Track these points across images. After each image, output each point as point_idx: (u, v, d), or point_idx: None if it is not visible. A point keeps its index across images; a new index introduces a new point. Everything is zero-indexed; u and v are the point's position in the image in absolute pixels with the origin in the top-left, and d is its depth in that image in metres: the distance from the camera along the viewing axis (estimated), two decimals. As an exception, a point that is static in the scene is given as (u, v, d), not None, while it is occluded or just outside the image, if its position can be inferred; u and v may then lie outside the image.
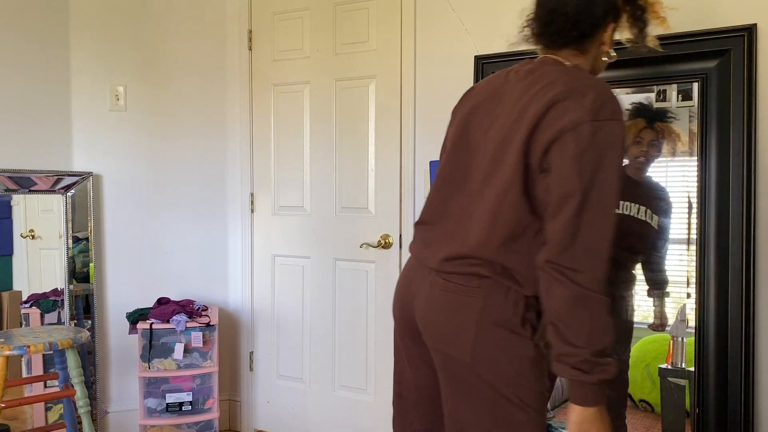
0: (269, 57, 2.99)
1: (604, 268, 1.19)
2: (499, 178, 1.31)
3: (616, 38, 2.21)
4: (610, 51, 1.43)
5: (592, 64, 1.45)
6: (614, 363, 1.20)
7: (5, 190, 2.73)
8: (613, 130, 1.22)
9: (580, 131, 1.21)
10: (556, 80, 1.30)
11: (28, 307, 2.79)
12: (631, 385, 2.23)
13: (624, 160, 1.25)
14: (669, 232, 2.11)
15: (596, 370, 1.20)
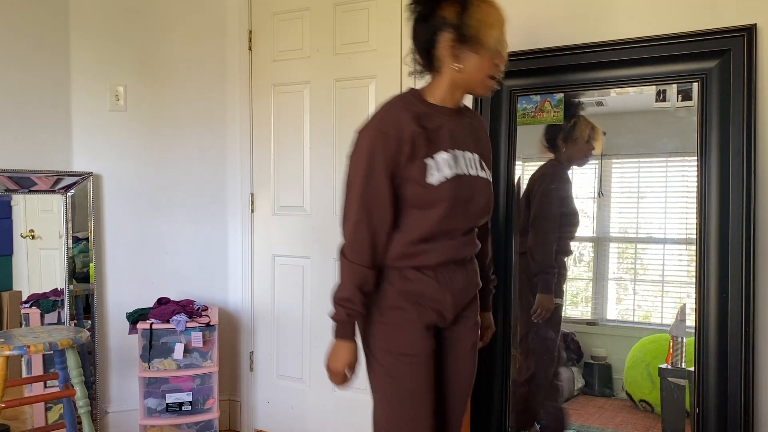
0: (269, 57, 2.99)
1: (349, 240, 1.57)
2: None
3: (616, 38, 2.21)
4: (457, 65, 1.56)
5: (459, 79, 1.59)
6: (343, 312, 1.56)
7: (5, 190, 2.73)
8: (360, 138, 1.56)
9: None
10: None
11: (28, 307, 2.79)
12: (631, 384, 2.23)
13: (380, 166, 1.53)
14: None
15: (335, 312, 1.58)
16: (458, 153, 1.60)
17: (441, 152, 1.56)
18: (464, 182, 1.59)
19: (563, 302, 2.34)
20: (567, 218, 2.34)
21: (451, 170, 1.56)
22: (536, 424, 2.34)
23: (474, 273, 1.74)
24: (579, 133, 2.30)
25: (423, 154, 1.54)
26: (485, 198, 1.66)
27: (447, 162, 1.56)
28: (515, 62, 2.36)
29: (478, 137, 1.71)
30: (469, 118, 1.71)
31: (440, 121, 1.59)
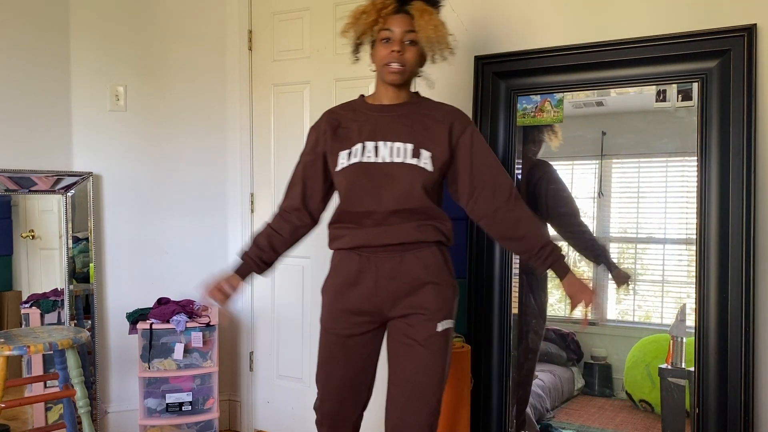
0: (269, 57, 2.99)
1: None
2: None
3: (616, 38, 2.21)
4: (372, 65, 1.80)
5: (377, 75, 1.80)
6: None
7: (5, 190, 2.73)
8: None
9: None
10: None
11: (28, 307, 2.79)
12: (631, 384, 2.23)
13: (304, 151, 1.87)
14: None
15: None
16: (369, 144, 1.73)
17: (350, 145, 1.76)
18: (368, 169, 1.71)
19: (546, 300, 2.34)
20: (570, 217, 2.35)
21: (352, 159, 1.73)
22: (536, 424, 2.34)
23: (418, 262, 1.72)
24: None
25: (336, 147, 1.78)
26: (406, 183, 1.70)
27: (351, 152, 1.74)
28: (515, 62, 2.36)
29: (422, 127, 1.76)
30: (412, 110, 1.79)
31: (363, 117, 1.79)
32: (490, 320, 2.37)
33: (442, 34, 1.73)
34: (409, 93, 1.84)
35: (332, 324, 1.79)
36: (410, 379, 1.71)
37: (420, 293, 1.73)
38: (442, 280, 1.76)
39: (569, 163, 2.34)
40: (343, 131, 1.79)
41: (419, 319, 1.72)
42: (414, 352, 1.71)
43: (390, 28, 1.71)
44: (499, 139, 2.39)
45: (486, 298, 2.38)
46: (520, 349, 2.37)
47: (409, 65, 1.74)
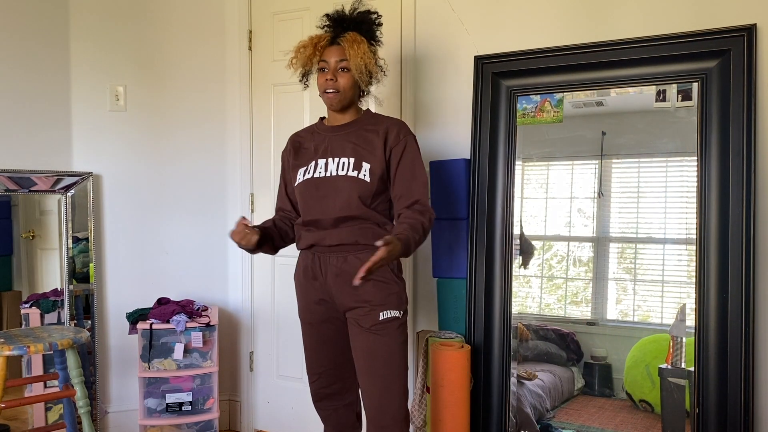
0: (269, 57, 2.99)
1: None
2: None
3: (616, 38, 2.22)
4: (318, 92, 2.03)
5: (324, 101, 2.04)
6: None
7: (5, 190, 2.73)
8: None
9: None
10: None
11: (28, 308, 2.79)
12: (631, 384, 2.23)
13: (282, 173, 2.17)
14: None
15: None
16: (320, 161, 1.98)
17: (306, 163, 2.02)
18: (317, 183, 1.96)
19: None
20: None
21: (306, 176, 1.99)
22: (536, 424, 2.34)
23: (359, 262, 1.90)
24: None
25: (296, 165, 2.05)
26: (345, 193, 1.92)
27: (306, 169, 2.00)
28: (515, 62, 2.36)
29: (364, 141, 1.96)
30: (359, 128, 2.00)
31: (319, 138, 2.04)
32: (490, 320, 2.38)
33: (369, 61, 1.96)
34: (358, 111, 2.06)
35: (303, 315, 2.07)
36: (365, 365, 1.92)
37: (362, 289, 1.91)
38: (384, 278, 1.92)
39: (569, 163, 2.34)
40: (303, 151, 2.07)
41: (363, 311, 1.92)
42: (362, 338, 1.92)
43: (325, 59, 1.97)
44: (499, 139, 2.39)
45: (486, 298, 2.38)
46: (519, 349, 2.36)
47: (343, 89, 1.96)
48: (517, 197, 2.38)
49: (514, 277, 2.37)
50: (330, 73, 1.95)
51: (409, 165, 1.95)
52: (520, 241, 2.38)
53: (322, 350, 2.08)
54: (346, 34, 1.97)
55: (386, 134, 1.96)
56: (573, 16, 2.31)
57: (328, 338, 2.06)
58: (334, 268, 1.96)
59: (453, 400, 2.19)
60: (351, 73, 1.95)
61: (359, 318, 1.93)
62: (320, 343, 2.07)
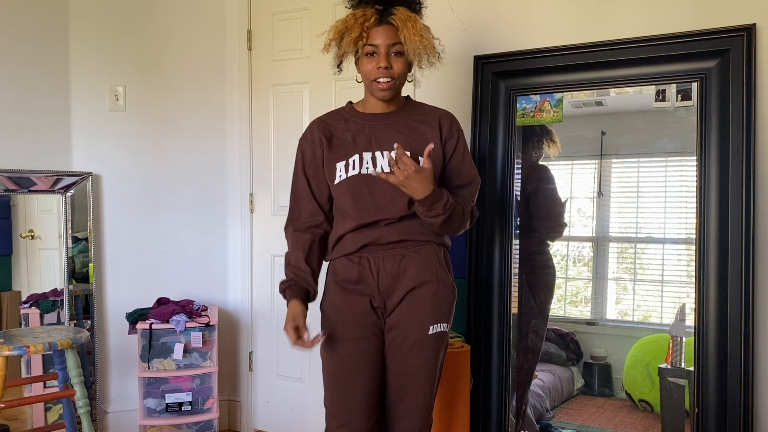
0: (269, 57, 2.99)
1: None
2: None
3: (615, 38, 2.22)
4: (358, 77, 1.77)
5: (365, 87, 1.76)
6: (285, 273, 1.80)
7: (5, 190, 2.73)
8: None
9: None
10: None
11: (27, 308, 2.79)
12: (631, 384, 2.23)
13: (301, 166, 1.80)
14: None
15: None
16: (366, 155, 1.71)
17: (346, 157, 1.73)
18: (369, 181, 1.69)
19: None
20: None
21: (351, 171, 1.71)
22: (536, 423, 2.34)
23: (415, 261, 1.71)
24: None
25: (332, 158, 1.74)
26: (402, 193, 1.65)
27: (348, 164, 1.72)
28: (515, 62, 2.36)
29: (416, 133, 1.74)
30: (406, 117, 1.76)
31: (356, 127, 1.76)
32: (489, 320, 2.38)
33: (428, 41, 1.68)
34: (400, 99, 1.81)
35: (344, 330, 1.74)
36: (396, 382, 1.73)
37: (417, 293, 1.71)
38: (444, 281, 1.75)
39: (569, 163, 2.34)
40: (338, 142, 1.76)
41: (413, 321, 1.70)
42: (405, 356, 1.71)
43: (374, 43, 1.66)
44: (498, 139, 2.39)
45: (486, 298, 2.38)
46: (519, 349, 2.37)
47: (398, 78, 1.70)
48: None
49: (514, 277, 2.37)
50: (383, 59, 1.66)
51: (460, 164, 1.76)
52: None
53: (360, 375, 1.72)
54: (396, 11, 1.66)
55: (440, 126, 1.75)
56: (572, 16, 2.31)
57: (371, 358, 1.73)
58: (390, 270, 1.71)
59: (453, 400, 2.19)
60: (405, 58, 1.68)
61: (403, 325, 1.71)
62: (360, 365, 1.71)
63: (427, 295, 1.71)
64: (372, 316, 1.73)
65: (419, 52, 1.66)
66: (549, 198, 2.37)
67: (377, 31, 1.66)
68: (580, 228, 2.32)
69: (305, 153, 1.80)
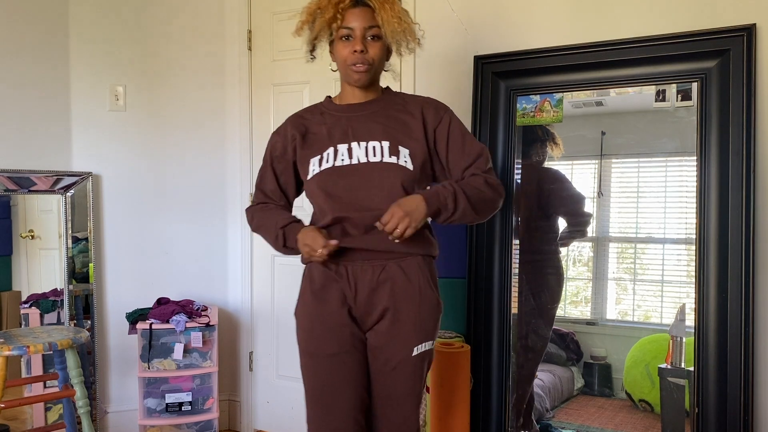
0: (269, 57, 2.99)
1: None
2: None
3: (615, 38, 2.21)
4: (333, 65, 1.68)
5: (341, 75, 1.67)
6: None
7: (5, 190, 2.73)
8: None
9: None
10: None
11: (27, 308, 2.79)
12: (631, 384, 2.23)
13: (269, 161, 1.73)
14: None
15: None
16: (341, 147, 1.61)
17: (320, 151, 1.63)
18: (343, 173, 1.59)
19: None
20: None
21: (324, 165, 1.61)
22: (536, 423, 2.34)
23: (396, 275, 1.59)
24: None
25: (306, 155, 1.65)
26: (386, 184, 1.56)
27: (322, 158, 1.62)
28: (515, 62, 2.36)
29: (396, 122, 1.64)
30: (385, 106, 1.66)
31: (332, 119, 1.67)
32: (489, 320, 2.38)
33: (407, 25, 1.58)
34: (379, 88, 1.71)
35: (319, 344, 1.62)
36: (383, 407, 1.65)
37: (399, 311, 1.59)
38: (429, 296, 1.62)
39: (569, 163, 2.34)
40: (312, 137, 1.66)
41: (395, 339, 1.60)
42: (389, 377, 1.62)
43: (349, 26, 1.56)
44: (498, 139, 2.39)
45: (486, 298, 2.38)
46: (519, 349, 2.37)
47: (375, 63, 1.59)
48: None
49: (514, 277, 2.37)
50: (358, 43, 1.56)
51: (460, 144, 1.63)
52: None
53: (345, 392, 1.60)
54: None
55: (423, 114, 1.64)
56: (572, 16, 2.31)
57: (351, 374, 1.61)
58: (369, 282, 1.59)
59: (453, 400, 2.19)
60: (383, 42, 1.58)
61: (384, 348, 1.60)
62: (339, 382, 1.60)
63: (410, 314, 1.59)
64: (350, 327, 1.61)
65: (397, 35, 1.57)
66: (569, 196, 2.35)
67: (353, 13, 1.56)
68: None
69: (275, 147, 1.72)
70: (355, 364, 1.62)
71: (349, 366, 1.61)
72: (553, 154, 2.34)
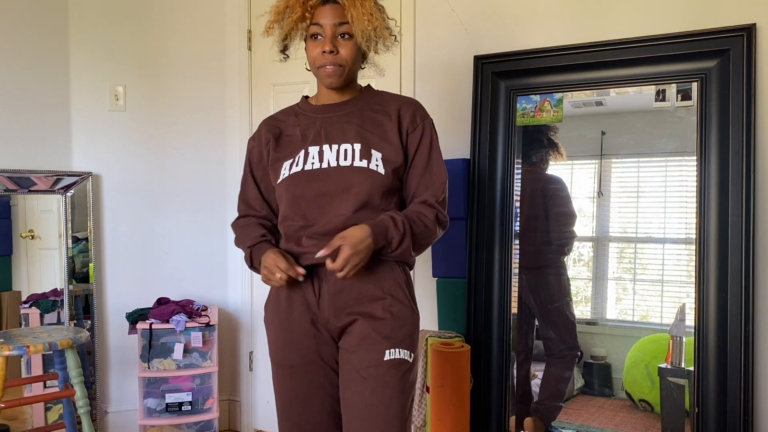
0: (269, 57, 2.99)
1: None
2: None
3: (615, 38, 2.21)
4: (307, 65, 1.62)
5: (314, 75, 1.61)
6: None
7: (5, 190, 2.73)
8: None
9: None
10: None
11: (27, 308, 2.79)
12: (631, 384, 2.23)
13: (249, 169, 1.70)
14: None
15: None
16: (312, 149, 1.54)
17: (293, 154, 1.56)
18: (312, 177, 1.51)
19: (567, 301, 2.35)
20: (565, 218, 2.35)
21: (294, 168, 1.54)
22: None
23: (363, 279, 1.48)
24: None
25: (279, 158, 1.58)
26: (354, 190, 1.48)
27: (293, 161, 1.55)
28: (515, 62, 2.36)
29: (372, 124, 1.55)
30: (362, 106, 1.58)
31: (307, 121, 1.60)
32: (489, 320, 2.38)
33: (379, 22, 1.49)
34: (357, 87, 1.63)
35: (282, 354, 1.55)
36: (351, 416, 1.48)
37: (367, 313, 1.49)
38: (399, 298, 1.51)
39: (569, 163, 2.34)
40: (286, 139, 1.59)
41: (365, 344, 1.47)
42: (355, 386, 1.46)
43: (318, 23, 1.49)
44: (498, 139, 2.39)
45: (485, 298, 2.38)
46: (519, 349, 2.37)
47: (348, 63, 1.51)
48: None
49: (514, 277, 2.37)
50: (328, 42, 1.48)
51: (425, 160, 1.54)
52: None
53: (310, 406, 1.52)
54: None
55: (399, 116, 1.55)
56: (572, 16, 2.31)
57: (320, 386, 1.53)
58: (332, 286, 1.50)
59: (453, 399, 2.19)
60: (354, 40, 1.50)
61: (356, 346, 1.47)
62: (307, 395, 1.52)
63: (378, 317, 1.48)
64: (315, 338, 1.52)
65: (368, 34, 1.48)
66: (564, 214, 2.36)
67: (322, 11, 1.49)
68: (580, 228, 2.31)
69: (252, 154, 1.66)
70: (320, 376, 1.53)
71: (315, 377, 1.52)
72: (556, 162, 2.35)
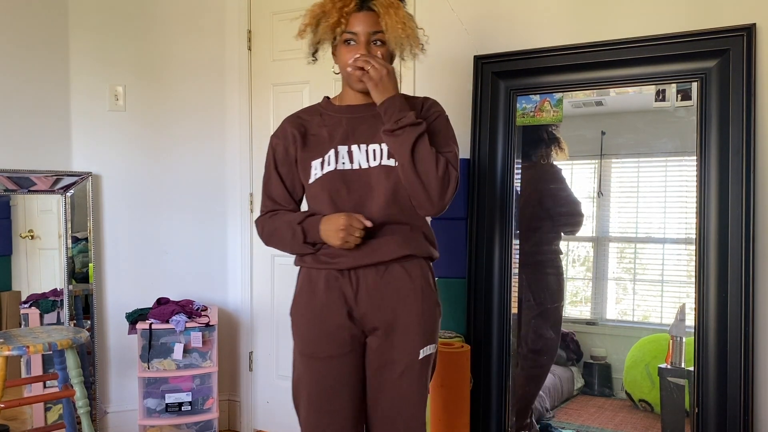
0: (269, 57, 2.99)
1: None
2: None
3: (615, 38, 2.21)
4: (335, 67, 1.66)
5: (343, 77, 1.64)
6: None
7: (4, 190, 2.73)
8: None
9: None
10: None
11: (27, 308, 2.79)
12: (631, 384, 2.23)
13: (273, 165, 1.67)
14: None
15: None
16: (342, 149, 1.59)
17: (322, 153, 1.61)
18: (346, 177, 1.57)
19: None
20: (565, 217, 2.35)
21: (326, 168, 1.58)
22: (536, 423, 2.34)
23: (400, 277, 1.58)
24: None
25: (307, 156, 1.62)
26: (388, 188, 1.55)
27: (324, 161, 1.59)
28: (515, 62, 2.36)
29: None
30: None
31: (332, 121, 1.64)
32: (489, 320, 2.38)
33: (411, 30, 1.56)
34: None
35: (317, 346, 1.60)
36: (391, 415, 1.60)
37: (404, 312, 1.58)
38: (430, 296, 1.62)
39: (569, 163, 2.34)
40: (313, 138, 1.63)
41: (402, 346, 1.57)
42: (394, 385, 1.58)
43: (354, 30, 1.55)
44: (498, 139, 2.39)
45: (485, 298, 2.38)
46: (519, 349, 2.37)
47: None
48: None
49: (514, 276, 2.37)
50: (362, 48, 1.54)
51: (435, 128, 1.60)
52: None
53: (341, 395, 1.59)
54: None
55: (421, 111, 1.63)
56: (572, 15, 2.31)
57: (351, 376, 1.60)
58: (371, 283, 1.57)
59: (453, 400, 2.19)
60: (386, 47, 1.56)
61: (390, 351, 1.57)
62: (339, 385, 1.58)
63: (415, 316, 1.58)
64: (350, 329, 1.59)
65: (401, 41, 1.55)
66: (566, 195, 2.36)
67: (357, 18, 1.54)
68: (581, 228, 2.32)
69: (277, 150, 1.67)
70: (353, 368, 1.60)
71: (348, 369, 1.59)
72: (558, 158, 2.35)
